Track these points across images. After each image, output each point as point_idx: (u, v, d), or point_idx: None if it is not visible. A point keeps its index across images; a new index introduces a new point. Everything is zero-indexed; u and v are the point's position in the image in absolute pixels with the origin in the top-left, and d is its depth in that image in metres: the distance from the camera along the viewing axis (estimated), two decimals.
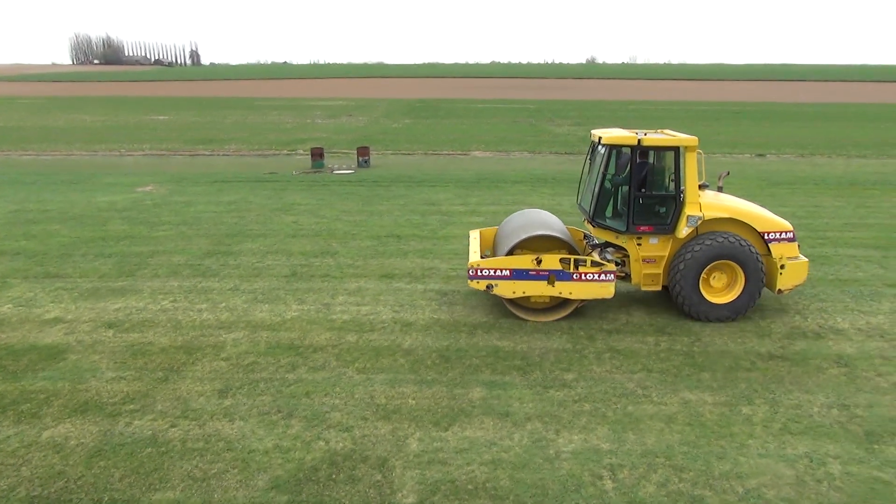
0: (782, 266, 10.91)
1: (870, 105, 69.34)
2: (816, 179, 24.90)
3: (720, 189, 12.05)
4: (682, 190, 10.82)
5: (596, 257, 10.94)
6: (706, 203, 10.89)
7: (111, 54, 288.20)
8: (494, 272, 10.59)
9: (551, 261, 10.53)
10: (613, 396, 8.52)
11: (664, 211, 11.05)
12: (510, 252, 10.81)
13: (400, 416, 8.02)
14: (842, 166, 28.63)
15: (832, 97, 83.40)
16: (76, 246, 15.37)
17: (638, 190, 10.83)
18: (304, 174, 26.22)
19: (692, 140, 10.68)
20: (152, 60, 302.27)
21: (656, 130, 11.75)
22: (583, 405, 8.29)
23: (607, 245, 11.61)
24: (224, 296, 12.10)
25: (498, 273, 10.58)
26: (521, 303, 11.02)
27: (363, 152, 28.25)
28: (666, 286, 11.26)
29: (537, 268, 10.52)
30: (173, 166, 28.40)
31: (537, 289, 10.65)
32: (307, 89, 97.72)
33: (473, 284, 10.71)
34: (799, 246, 11.29)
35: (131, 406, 8.22)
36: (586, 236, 12.37)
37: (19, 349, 9.83)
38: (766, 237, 10.94)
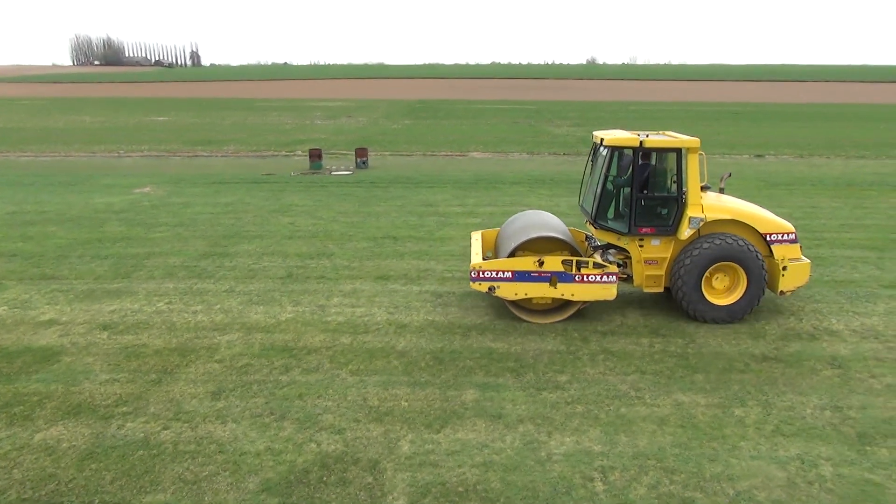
0: (784, 267, 10.91)
1: (869, 105, 69.36)
2: (814, 180, 24.90)
3: (722, 190, 12.03)
4: (684, 191, 10.79)
5: (598, 259, 10.92)
6: (708, 204, 10.87)
7: (111, 55, 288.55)
8: (496, 274, 10.57)
9: (553, 262, 10.52)
10: (606, 398, 8.52)
11: (666, 212, 11.03)
12: (512, 254, 10.80)
13: (392, 419, 8.02)
14: (840, 167, 28.62)
15: (831, 97, 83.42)
16: (73, 247, 15.38)
17: (640, 191, 10.81)
18: (302, 175, 26.23)
19: (694, 141, 10.66)
20: (153, 61, 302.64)
21: (658, 132, 11.73)
22: (575, 407, 8.29)
23: (609, 246, 11.58)
24: (219, 297, 12.10)
25: (500, 275, 10.57)
26: (523, 304, 11.00)
27: (361, 153, 28.27)
28: (668, 288, 11.26)
29: (539, 269, 10.51)
30: (172, 167, 28.43)
31: (539, 290, 10.63)
32: (307, 90, 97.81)
33: (475, 286, 10.70)
34: (801, 247, 11.30)
35: (124, 408, 8.23)
36: (588, 238, 12.35)
37: (13, 351, 9.84)
38: (769, 239, 10.93)
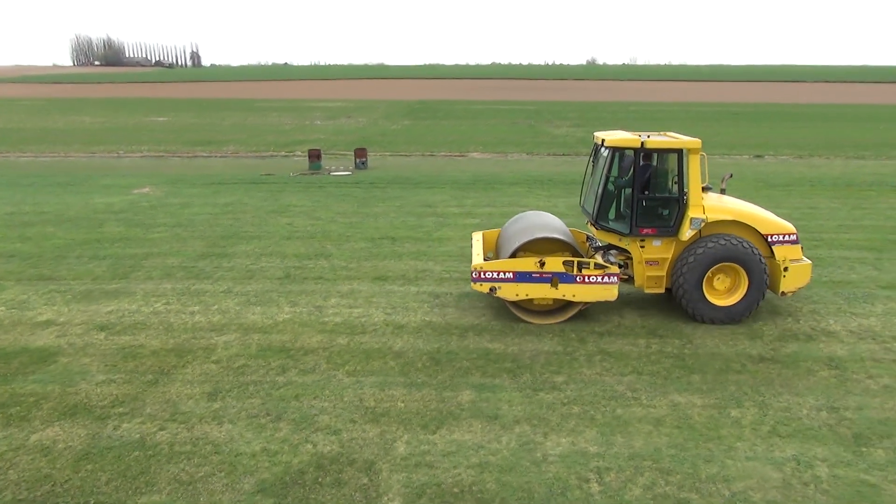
0: (785, 268, 10.92)
1: (869, 106, 69.34)
2: (813, 181, 24.89)
3: (723, 191, 12.02)
4: (686, 192, 10.78)
5: (599, 260, 10.92)
6: (709, 205, 10.87)
7: (112, 56, 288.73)
8: (497, 275, 10.57)
9: (554, 263, 10.51)
10: (603, 399, 8.52)
11: (667, 213, 11.02)
12: (513, 254, 10.80)
13: (388, 419, 8.02)
14: (839, 167, 28.61)
15: (831, 98, 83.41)
16: (71, 248, 15.39)
17: (641, 192, 10.81)
18: (301, 176, 26.24)
19: (695, 142, 10.65)
20: (153, 62, 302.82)
21: (659, 132, 11.73)
22: (572, 408, 8.29)
23: (610, 247, 11.58)
24: (217, 298, 12.11)
25: (501, 276, 10.56)
26: (525, 305, 10.98)
27: (360, 154, 28.28)
28: (669, 289, 11.25)
29: (540, 270, 10.51)
30: (171, 168, 28.44)
31: (540, 291, 10.63)
32: (307, 91, 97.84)
33: (477, 287, 10.69)
34: (802, 248, 11.29)
35: (120, 409, 8.23)
36: (589, 238, 12.35)
37: (10, 352, 9.85)
38: (770, 239, 10.93)
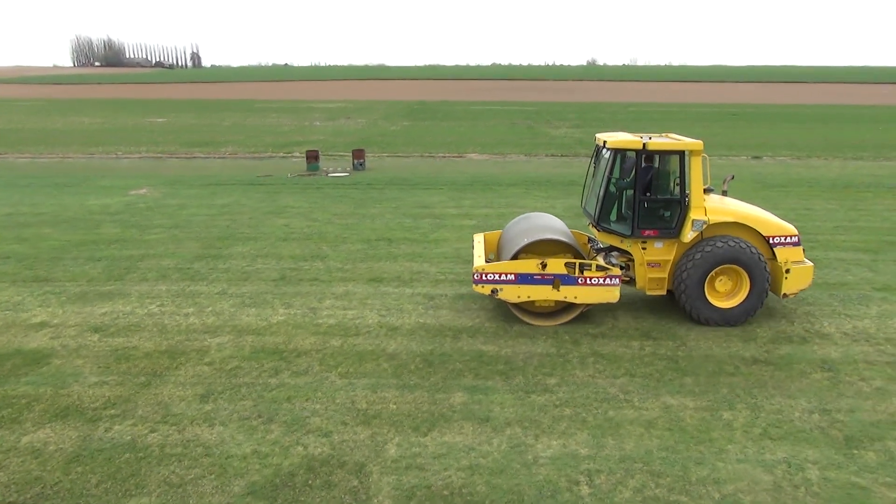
0: (787, 270, 10.91)
1: (868, 107, 69.34)
2: (810, 182, 24.89)
3: (725, 193, 12.02)
4: (687, 194, 10.76)
5: (601, 261, 10.90)
6: (711, 207, 10.85)
7: (112, 56, 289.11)
8: (499, 276, 10.56)
9: (556, 265, 10.50)
10: (595, 401, 8.51)
11: (669, 215, 11.00)
12: (515, 256, 10.79)
13: (380, 421, 8.02)
14: (837, 168, 28.61)
15: (830, 99, 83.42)
16: (67, 249, 15.39)
17: (643, 194, 10.80)
18: (299, 177, 26.24)
19: (697, 144, 10.64)
20: (153, 62, 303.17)
21: (661, 134, 11.72)
22: (563, 410, 8.29)
23: (612, 249, 11.56)
24: (211, 300, 12.11)
25: (503, 277, 10.55)
26: (526, 307, 10.97)
27: (358, 155, 28.29)
28: (671, 290, 11.24)
29: (542, 272, 10.50)
30: (169, 169, 28.45)
31: (542, 293, 10.61)
32: (307, 91, 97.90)
33: (478, 289, 10.68)
34: (804, 250, 11.27)
35: (112, 411, 8.23)
36: (590, 240, 12.34)
37: (3, 353, 9.84)
38: (772, 241, 10.92)
